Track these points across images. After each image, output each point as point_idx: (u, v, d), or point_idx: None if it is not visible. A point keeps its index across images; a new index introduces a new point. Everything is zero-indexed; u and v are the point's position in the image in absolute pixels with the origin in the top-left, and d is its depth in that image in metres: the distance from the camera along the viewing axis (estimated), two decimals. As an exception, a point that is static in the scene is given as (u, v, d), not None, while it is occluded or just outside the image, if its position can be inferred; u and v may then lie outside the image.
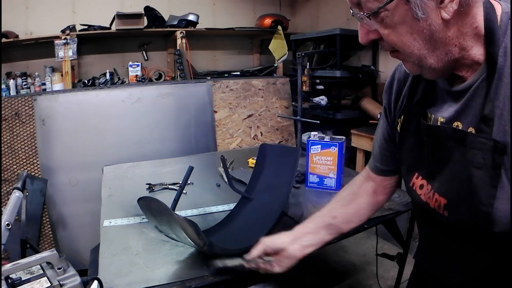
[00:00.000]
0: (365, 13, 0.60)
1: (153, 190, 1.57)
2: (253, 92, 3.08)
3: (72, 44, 2.82)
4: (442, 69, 0.62)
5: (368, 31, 0.63)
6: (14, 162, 2.36)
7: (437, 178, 0.70)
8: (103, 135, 2.53)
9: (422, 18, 0.56)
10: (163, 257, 1.04)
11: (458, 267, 0.74)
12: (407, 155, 0.78)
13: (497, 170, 0.58)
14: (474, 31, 0.59)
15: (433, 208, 0.71)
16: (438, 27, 0.57)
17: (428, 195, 0.72)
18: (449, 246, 0.75)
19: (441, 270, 0.81)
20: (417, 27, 0.58)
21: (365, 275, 2.27)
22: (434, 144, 0.68)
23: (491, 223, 0.61)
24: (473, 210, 0.62)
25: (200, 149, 2.75)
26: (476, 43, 0.59)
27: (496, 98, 0.57)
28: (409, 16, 0.57)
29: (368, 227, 1.23)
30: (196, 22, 3.30)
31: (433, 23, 0.57)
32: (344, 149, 1.49)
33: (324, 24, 3.69)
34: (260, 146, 1.46)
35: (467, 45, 0.59)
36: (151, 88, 2.74)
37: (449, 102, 0.68)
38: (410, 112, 0.75)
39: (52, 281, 0.75)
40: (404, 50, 0.62)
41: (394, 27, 0.60)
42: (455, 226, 0.68)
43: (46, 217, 2.39)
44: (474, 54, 0.60)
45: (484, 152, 0.59)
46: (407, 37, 0.59)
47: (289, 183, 1.31)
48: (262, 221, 1.20)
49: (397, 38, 0.60)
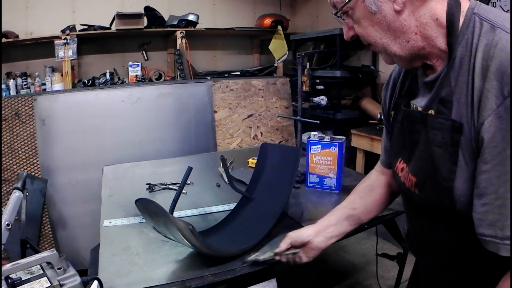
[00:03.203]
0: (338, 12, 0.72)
1: (153, 190, 1.57)
2: (253, 92, 3.08)
3: (72, 44, 2.82)
4: (408, 56, 0.70)
5: (348, 29, 0.74)
6: (14, 162, 2.36)
7: (411, 159, 0.77)
8: (103, 135, 2.53)
9: (376, 11, 0.66)
10: (163, 257, 1.04)
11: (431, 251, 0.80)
12: (394, 143, 0.86)
13: (455, 148, 0.64)
14: (435, 22, 0.65)
15: (408, 187, 0.78)
16: (393, 18, 0.66)
17: (405, 176, 0.79)
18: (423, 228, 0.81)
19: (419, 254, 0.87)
20: (374, 19, 0.68)
21: (365, 275, 2.27)
22: (409, 128, 0.77)
23: (453, 201, 0.66)
24: (437, 186, 0.68)
25: (200, 149, 2.75)
26: (440, 34, 0.66)
27: (457, 84, 0.64)
28: (366, 11, 0.68)
29: (368, 227, 1.22)
30: (196, 22, 3.30)
31: (387, 15, 0.66)
32: (344, 149, 1.49)
33: (324, 24, 3.69)
34: (261, 145, 1.46)
35: (430, 35, 0.66)
36: (151, 88, 2.74)
37: (425, 92, 0.75)
38: (399, 104, 0.82)
39: (52, 281, 0.75)
40: (370, 41, 0.71)
41: (359, 22, 0.71)
42: (426, 205, 0.74)
43: (46, 217, 2.39)
44: (439, 44, 0.67)
45: (443, 131, 0.65)
46: (370, 29, 0.69)
47: (289, 182, 1.31)
48: (263, 221, 1.20)
49: (363, 31, 0.71)
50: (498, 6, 2.11)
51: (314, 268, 2.38)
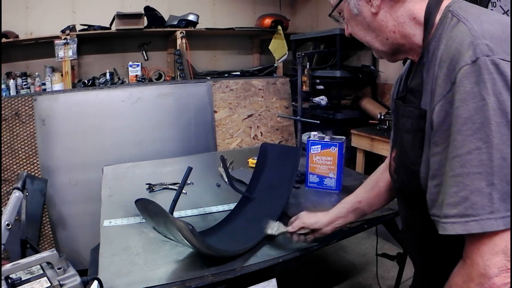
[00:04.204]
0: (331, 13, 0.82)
1: (153, 190, 1.57)
2: (253, 92, 3.08)
3: (72, 44, 2.82)
4: (390, 51, 0.76)
5: (346, 27, 0.82)
6: (14, 162, 2.36)
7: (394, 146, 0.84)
8: (103, 135, 2.53)
9: (357, 13, 0.75)
10: (163, 257, 1.04)
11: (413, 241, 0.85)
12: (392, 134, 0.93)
13: (421, 133, 0.69)
14: (413, 21, 0.71)
15: (392, 173, 0.86)
16: (371, 19, 0.74)
17: (391, 163, 0.87)
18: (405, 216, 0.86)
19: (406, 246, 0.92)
20: (357, 20, 0.77)
21: (365, 275, 2.27)
22: (395, 117, 0.85)
23: (420, 184, 0.70)
24: (407, 171, 0.74)
25: (200, 149, 2.74)
26: (418, 31, 0.71)
27: (428, 76, 0.68)
28: (351, 13, 0.77)
29: (368, 227, 1.23)
30: (196, 22, 3.30)
31: (366, 16, 0.74)
32: (344, 149, 1.49)
33: (324, 24, 3.68)
34: (261, 145, 1.46)
35: (408, 33, 0.72)
36: (151, 88, 2.74)
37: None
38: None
39: (52, 281, 0.75)
40: (359, 39, 0.80)
41: (348, 22, 0.80)
42: (403, 191, 0.81)
43: (46, 217, 2.39)
44: (417, 41, 0.72)
45: (412, 119, 0.71)
46: (356, 29, 0.78)
47: (289, 182, 1.31)
48: (263, 220, 1.20)
49: (352, 30, 0.80)
50: (498, 6, 2.11)
51: (314, 268, 2.38)
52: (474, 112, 0.57)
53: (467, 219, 0.58)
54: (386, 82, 3.19)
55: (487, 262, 0.57)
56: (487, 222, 0.56)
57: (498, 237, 0.57)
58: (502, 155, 0.55)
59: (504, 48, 0.57)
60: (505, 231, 0.56)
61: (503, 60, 0.56)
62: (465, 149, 0.58)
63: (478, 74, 0.56)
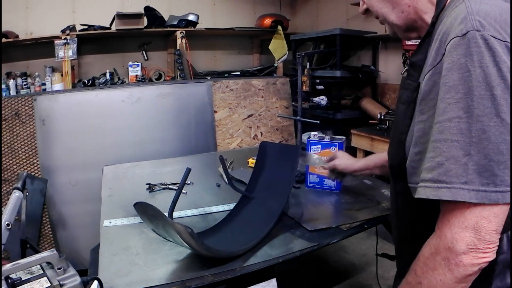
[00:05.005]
0: None
1: (153, 190, 1.57)
2: (253, 92, 3.08)
3: (72, 44, 2.82)
4: (404, 26, 0.77)
5: (362, 3, 0.84)
6: (14, 162, 2.36)
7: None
8: (103, 135, 2.53)
9: None
10: (163, 257, 1.04)
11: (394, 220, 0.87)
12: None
13: (413, 104, 0.69)
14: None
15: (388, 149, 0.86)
16: None
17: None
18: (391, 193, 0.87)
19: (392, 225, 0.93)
20: None
21: (365, 275, 2.27)
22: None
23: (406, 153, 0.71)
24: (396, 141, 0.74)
25: (200, 149, 2.74)
26: (430, 10, 0.72)
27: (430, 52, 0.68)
28: None
29: (368, 227, 1.23)
30: (196, 22, 3.30)
31: None
32: (344, 149, 1.48)
33: (324, 24, 3.69)
34: (260, 144, 1.46)
35: (420, 9, 0.73)
36: (151, 88, 2.74)
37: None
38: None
39: (52, 281, 0.75)
40: (375, 12, 0.81)
41: None
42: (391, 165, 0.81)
43: (46, 217, 2.39)
44: (427, 19, 0.73)
45: (409, 91, 0.72)
46: (374, 1, 0.80)
47: (289, 181, 1.31)
48: (263, 220, 1.20)
49: (369, 2, 0.81)
50: None
51: (314, 268, 2.38)
52: (458, 82, 0.57)
53: (440, 185, 0.58)
54: (386, 82, 3.19)
55: (455, 235, 0.57)
56: (459, 192, 0.56)
57: (469, 211, 0.56)
58: (482, 128, 0.55)
59: (496, 28, 0.58)
60: (477, 206, 0.56)
61: (493, 37, 0.57)
62: (446, 116, 0.58)
63: (466, 47, 0.57)
